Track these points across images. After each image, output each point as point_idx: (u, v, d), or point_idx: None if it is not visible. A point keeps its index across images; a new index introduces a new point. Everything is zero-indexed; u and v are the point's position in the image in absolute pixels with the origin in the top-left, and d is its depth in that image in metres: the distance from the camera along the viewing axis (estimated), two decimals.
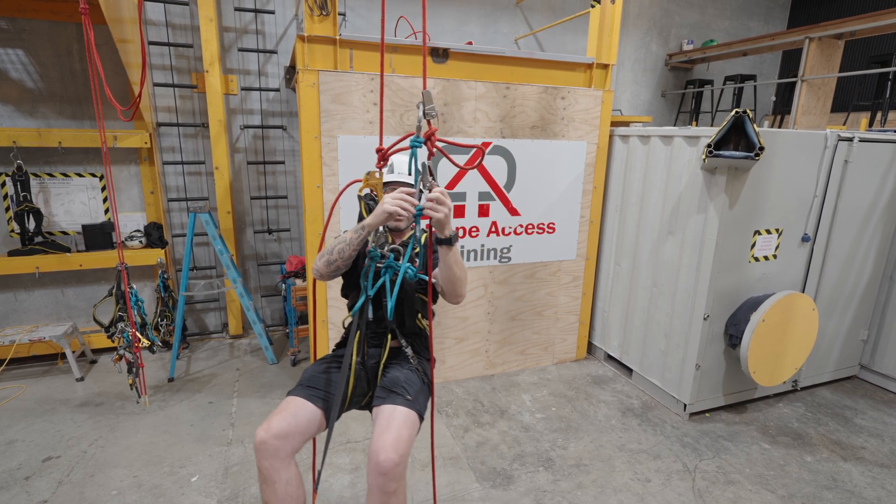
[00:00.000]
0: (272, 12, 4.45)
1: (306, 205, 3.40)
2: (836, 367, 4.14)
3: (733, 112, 2.96)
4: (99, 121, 2.90)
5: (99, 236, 4.16)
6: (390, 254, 1.89)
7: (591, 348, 4.65)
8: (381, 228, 1.86)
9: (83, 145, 4.03)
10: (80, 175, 4.20)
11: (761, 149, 2.89)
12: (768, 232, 3.42)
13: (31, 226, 3.99)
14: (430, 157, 1.61)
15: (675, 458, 3.12)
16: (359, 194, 1.98)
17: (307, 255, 3.64)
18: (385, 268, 1.86)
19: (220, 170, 4.43)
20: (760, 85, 6.36)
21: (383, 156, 1.71)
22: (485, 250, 3.90)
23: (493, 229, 3.89)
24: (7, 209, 4.06)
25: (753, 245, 3.40)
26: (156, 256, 4.23)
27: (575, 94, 3.87)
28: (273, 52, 4.54)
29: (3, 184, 4.01)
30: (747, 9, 6.49)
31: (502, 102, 3.67)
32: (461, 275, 1.87)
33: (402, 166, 2.07)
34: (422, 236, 1.90)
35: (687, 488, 2.86)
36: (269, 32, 4.53)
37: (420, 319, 2.12)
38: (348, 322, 2.12)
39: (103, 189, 4.26)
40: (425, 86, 1.59)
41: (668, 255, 3.67)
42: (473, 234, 3.83)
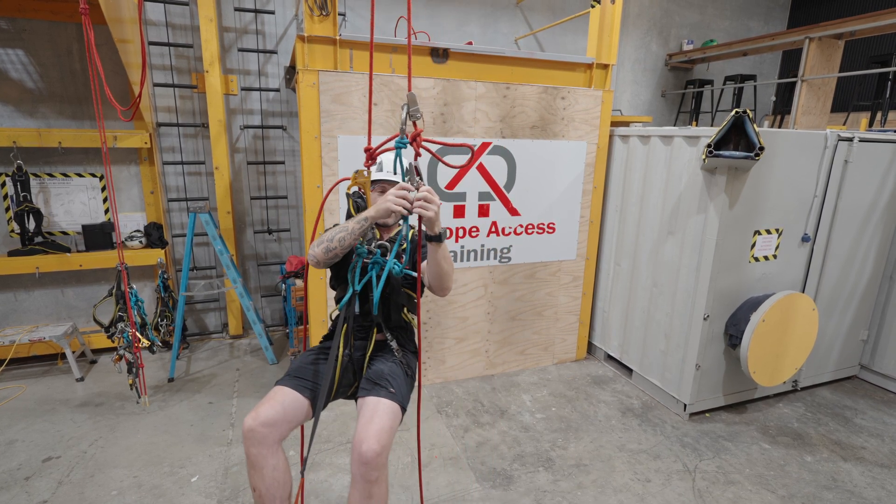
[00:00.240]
0: (272, 12, 4.45)
1: (306, 205, 3.40)
2: (836, 368, 4.14)
3: (733, 112, 2.96)
4: (99, 121, 2.90)
5: (99, 236, 4.16)
6: (377, 250, 1.98)
7: (591, 348, 4.65)
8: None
9: (83, 145, 4.03)
10: (80, 175, 4.20)
11: (761, 149, 2.89)
12: (768, 232, 3.42)
13: (31, 226, 3.99)
14: (416, 158, 1.71)
15: (675, 459, 3.12)
16: (347, 192, 2.02)
17: (307, 255, 3.63)
18: (372, 264, 1.95)
19: (220, 170, 4.44)
20: (760, 85, 6.37)
21: (371, 155, 1.78)
22: (485, 250, 3.90)
23: (493, 229, 3.89)
24: (7, 209, 4.06)
25: (753, 245, 3.40)
26: (156, 256, 4.23)
27: (575, 95, 3.87)
28: (273, 52, 4.54)
29: (3, 184, 4.01)
30: (747, 9, 6.49)
31: (502, 102, 3.67)
32: (448, 269, 1.93)
33: (391, 165, 2.13)
34: (409, 233, 1.98)
35: (687, 488, 2.86)
36: (269, 32, 4.53)
37: (406, 313, 2.18)
38: (335, 314, 2.17)
39: (103, 189, 4.26)
40: (410, 87, 1.70)
41: (668, 255, 3.67)
42: (473, 234, 3.83)
